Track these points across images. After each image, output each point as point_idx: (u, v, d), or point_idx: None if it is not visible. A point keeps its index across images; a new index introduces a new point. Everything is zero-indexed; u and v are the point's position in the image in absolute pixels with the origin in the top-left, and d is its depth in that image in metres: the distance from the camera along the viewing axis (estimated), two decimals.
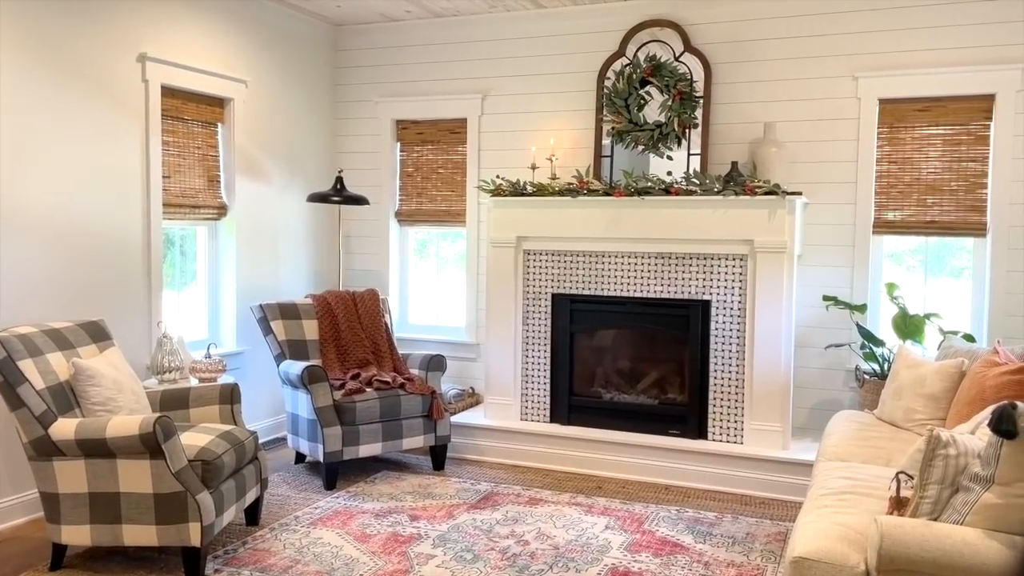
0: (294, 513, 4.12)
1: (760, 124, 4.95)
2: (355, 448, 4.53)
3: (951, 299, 4.81)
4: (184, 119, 4.84)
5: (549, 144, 5.31)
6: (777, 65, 4.97)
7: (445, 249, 6.09)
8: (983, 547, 2.10)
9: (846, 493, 2.81)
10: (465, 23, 5.68)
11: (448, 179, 5.85)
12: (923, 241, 4.88)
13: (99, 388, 3.41)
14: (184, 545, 3.24)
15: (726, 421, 4.74)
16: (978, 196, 4.63)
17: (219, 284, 5.23)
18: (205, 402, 3.91)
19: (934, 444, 2.30)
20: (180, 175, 4.83)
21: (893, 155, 4.78)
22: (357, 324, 5.17)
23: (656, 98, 5.08)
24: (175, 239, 4.99)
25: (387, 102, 5.93)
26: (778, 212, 4.52)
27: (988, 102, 4.57)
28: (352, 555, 3.60)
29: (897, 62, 4.72)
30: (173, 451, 3.20)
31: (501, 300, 5.18)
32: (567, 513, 4.18)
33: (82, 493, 3.25)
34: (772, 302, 4.56)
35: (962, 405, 3.45)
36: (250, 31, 5.27)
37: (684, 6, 5.11)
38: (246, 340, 5.27)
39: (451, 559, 3.57)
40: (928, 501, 2.29)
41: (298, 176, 5.76)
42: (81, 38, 4.16)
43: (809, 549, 2.31)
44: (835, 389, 4.94)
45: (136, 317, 4.52)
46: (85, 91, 4.19)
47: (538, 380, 5.15)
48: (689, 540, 3.83)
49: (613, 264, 4.95)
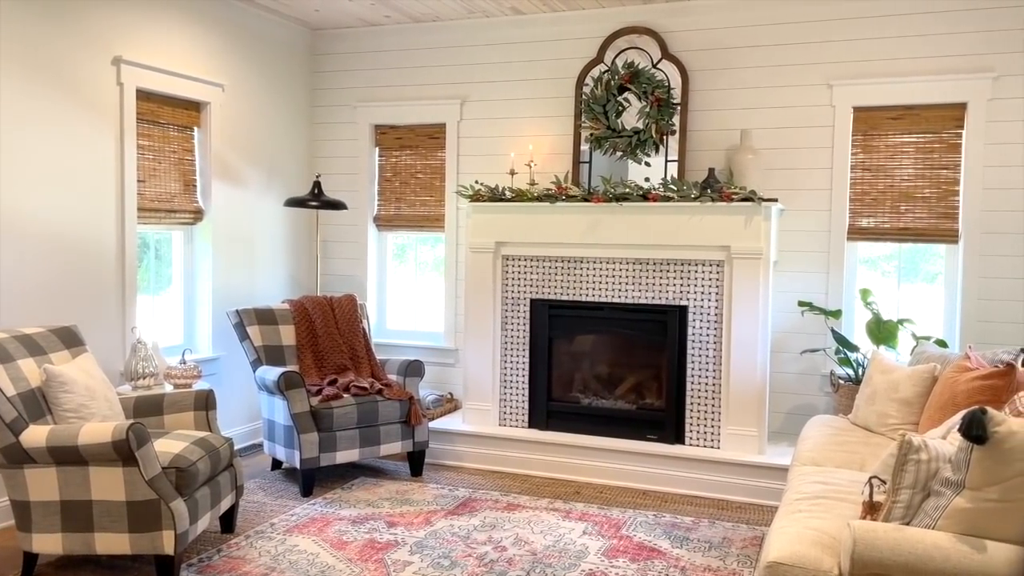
0: (270, 520, 4.09)
1: (737, 131, 4.99)
2: (332, 454, 4.50)
3: (924, 305, 4.87)
4: (160, 123, 4.80)
5: (528, 150, 5.32)
6: (753, 73, 5.01)
7: (424, 254, 6.08)
8: (953, 551, 2.12)
9: (820, 498, 2.83)
10: (444, 28, 5.68)
11: (427, 184, 5.85)
12: (897, 247, 4.94)
13: (71, 395, 3.37)
14: (157, 553, 3.21)
15: (703, 426, 4.76)
16: (950, 203, 4.69)
17: (195, 289, 5.18)
18: (180, 408, 3.87)
19: (906, 449, 2.32)
20: (155, 179, 4.79)
21: (867, 162, 4.84)
22: (334, 329, 5.15)
23: (634, 105, 5.11)
24: (150, 243, 4.95)
25: (365, 107, 5.91)
26: (754, 218, 4.55)
27: (960, 111, 4.64)
28: (328, 562, 3.58)
29: (871, 71, 4.78)
30: (146, 458, 3.17)
31: (480, 305, 5.17)
32: (545, 519, 4.18)
33: (54, 501, 3.21)
34: (748, 308, 4.60)
35: (934, 410, 3.49)
36: (227, 34, 5.24)
37: (662, 14, 5.15)
38: (222, 346, 5.23)
39: (428, 566, 3.56)
40: (900, 506, 2.32)
41: (275, 180, 5.73)
42: (55, 40, 4.11)
43: (783, 554, 2.33)
44: (810, 394, 4.98)
45: (110, 322, 4.48)
46: (59, 94, 4.14)
47: (516, 386, 5.15)
48: (666, 545, 3.84)
49: (591, 270, 4.97)
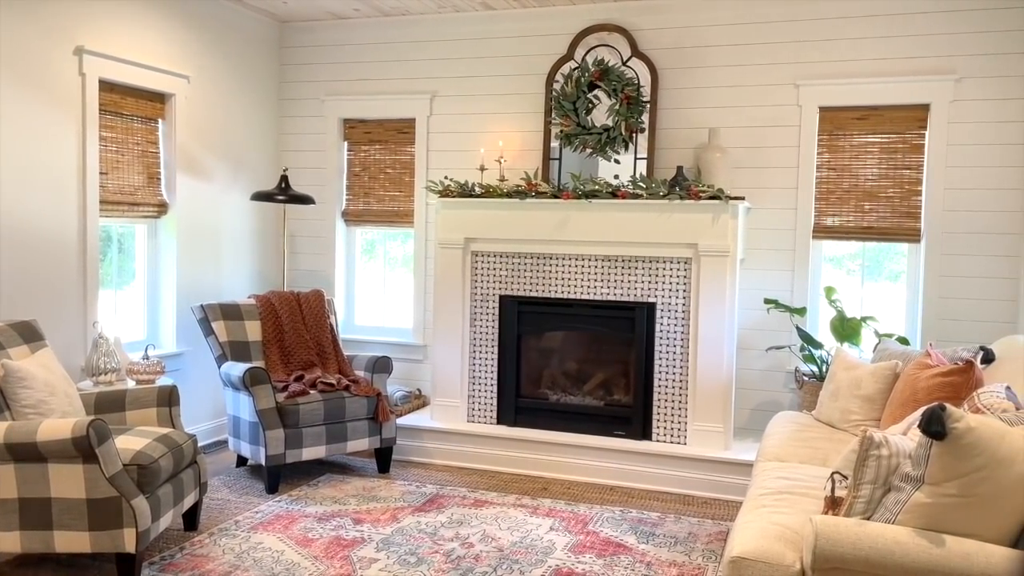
0: (234, 518, 4.05)
1: (705, 130, 5.02)
2: (298, 451, 4.47)
3: (887, 303, 4.95)
4: (123, 114, 4.72)
5: (498, 146, 5.31)
6: (722, 72, 5.05)
7: (393, 250, 6.05)
8: (913, 546, 2.16)
9: (783, 493, 2.86)
10: (414, 23, 5.64)
11: (396, 179, 5.81)
12: (861, 246, 5.01)
13: (30, 390, 3.30)
14: (119, 552, 3.15)
15: (670, 422, 4.80)
16: (913, 203, 4.77)
17: (159, 284, 5.10)
18: (142, 404, 3.82)
19: (867, 445, 2.36)
20: (118, 172, 4.71)
21: (832, 162, 4.90)
22: (301, 325, 5.10)
23: (604, 102, 5.12)
24: (113, 237, 4.86)
25: (334, 100, 5.86)
26: (722, 216, 4.59)
27: (923, 112, 4.71)
28: (293, 560, 3.55)
29: (837, 71, 4.84)
30: (107, 455, 3.11)
31: (449, 302, 5.16)
32: (512, 515, 4.18)
33: (11, 499, 3.14)
34: (715, 305, 4.63)
35: (896, 406, 3.55)
36: (193, 25, 5.16)
37: (632, 12, 5.16)
38: (186, 341, 5.16)
39: (394, 562, 3.54)
40: (861, 501, 2.35)
41: (242, 174, 5.66)
42: (15, 29, 4.02)
43: (747, 549, 2.35)
44: (775, 390, 5.04)
45: (71, 317, 4.39)
46: (19, 84, 4.05)
47: (485, 382, 5.15)
48: (632, 540, 3.87)
49: (560, 266, 4.98)
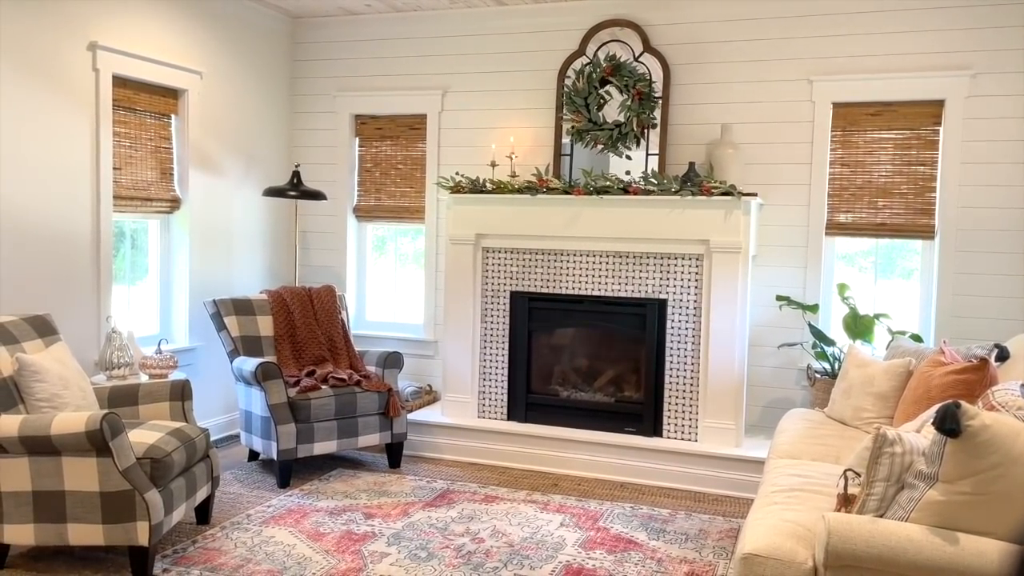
0: (246, 512, 4.07)
1: (717, 125, 5.00)
2: (309, 446, 4.48)
3: (900, 300, 4.92)
4: (136, 110, 4.74)
5: (509, 142, 5.30)
6: (734, 67, 5.03)
7: (404, 246, 6.06)
8: (926, 543, 2.15)
9: (796, 490, 2.85)
10: (426, 19, 5.64)
11: (407, 175, 5.82)
12: (874, 243, 4.98)
13: (44, 384, 3.32)
14: (132, 545, 3.17)
15: (681, 419, 4.79)
16: (927, 200, 4.73)
17: (171, 279, 5.13)
18: (155, 399, 3.84)
19: (880, 442, 2.34)
20: (132, 167, 4.73)
21: (846, 158, 4.87)
22: (313, 320, 5.11)
23: (615, 98, 5.11)
24: (126, 232, 4.89)
25: (346, 96, 5.87)
26: (734, 213, 4.57)
27: (938, 107, 4.68)
28: (305, 554, 3.56)
29: (850, 66, 4.81)
30: (120, 448, 3.13)
31: (459, 298, 5.16)
32: (522, 511, 4.18)
33: (25, 491, 3.16)
34: (727, 301, 4.62)
35: (909, 404, 3.53)
36: (206, 21, 5.17)
37: (644, 7, 5.15)
38: (199, 336, 5.18)
39: (405, 557, 3.55)
40: (874, 498, 2.34)
41: (254, 170, 5.67)
42: (29, 25, 4.04)
43: (759, 546, 2.34)
44: (787, 388, 5.02)
45: (84, 311, 4.42)
46: (33, 79, 4.07)
47: (495, 378, 5.15)
48: (643, 537, 3.86)
49: (571, 263, 4.97)
